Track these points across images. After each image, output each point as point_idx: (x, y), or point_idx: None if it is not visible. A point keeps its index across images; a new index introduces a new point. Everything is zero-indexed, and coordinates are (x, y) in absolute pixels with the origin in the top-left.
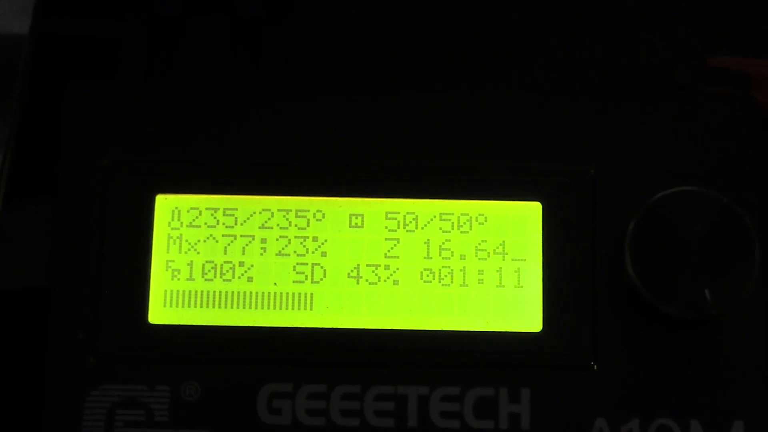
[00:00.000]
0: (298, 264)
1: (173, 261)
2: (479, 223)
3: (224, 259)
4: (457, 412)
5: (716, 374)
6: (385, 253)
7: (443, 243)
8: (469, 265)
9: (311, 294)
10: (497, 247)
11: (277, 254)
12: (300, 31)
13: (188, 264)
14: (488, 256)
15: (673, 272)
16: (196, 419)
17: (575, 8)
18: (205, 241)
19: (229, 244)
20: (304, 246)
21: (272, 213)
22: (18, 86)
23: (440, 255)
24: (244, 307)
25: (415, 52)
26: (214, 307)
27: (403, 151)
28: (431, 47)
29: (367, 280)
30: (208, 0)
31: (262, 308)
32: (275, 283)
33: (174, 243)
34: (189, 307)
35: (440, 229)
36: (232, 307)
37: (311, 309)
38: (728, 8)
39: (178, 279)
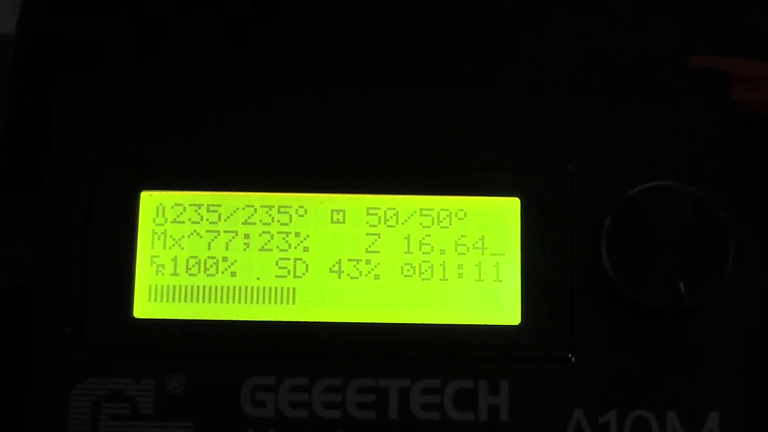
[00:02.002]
0: (280, 259)
1: (158, 256)
2: (459, 219)
3: (208, 255)
4: (437, 404)
5: (692, 366)
6: (367, 248)
7: (423, 238)
8: (448, 260)
9: (294, 288)
10: (476, 242)
11: (260, 249)
12: (285, 30)
13: (172, 259)
14: (468, 251)
15: (649, 265)
16: (181, 412)
17: (556, 6)
18: (189, 236)
19: (212, 240)
20: (287, 241)
21: (255, 209)
22: (5, 85)
23: (420, 250)
24: (227, 302)
25: (397, 50)
26: (198, 301)
27: (383, 147)
28: (413, 46)
29: (348, 275)
30: (195, 0)
31: (246, 302)
32: (258, 278)
33: (158, 239)
34: (173, 301)
35: (420, 224)
36: (215, 302)
37: (294, 303)
38: (711, 8)
39: (163, 274)
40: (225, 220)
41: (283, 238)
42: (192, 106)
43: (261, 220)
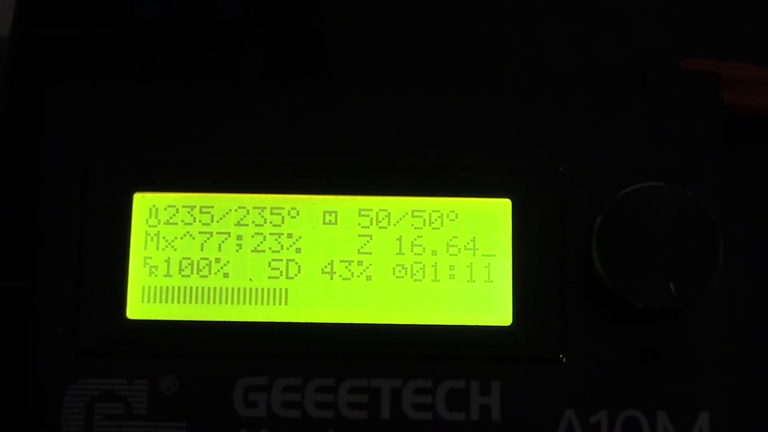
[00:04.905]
0: (273, 260)
1: (151, 258)
2: (450, 220)
3: (201, 256)
4: (429, 404)
5: (682, 366)
6: (359, 249)
7: (415, 239)
8: (440, 261)
9: (286, 289)
10: (468, 243)
11: (252, 251)
12: (278, 31)
13: (165, 261)
14: (459, 252)
15: (640, 266)
16: (174, 412)
17: (548, 9)
18: (182, 238)
19: (205, 241)
20: (279, 243)
21: (248, 210)
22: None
23: (412, 251)
24: (220, 303)
25: (390, 52)
26: (191, 302)
27: (375, 149)
28: (405, 48)
29: (340, 276)
30: (187, 3)
31: (238, 303)
32: (251, 279)
33: (152, 240)
34: (166, 302)
35: (412, 225)
36: (208, 303)
37: (286, 304)
38: (703, 11)
39: (156, 275)
40: (218, 222)
41: (276, 240)
42: (185, 108)
43: (253, 222)
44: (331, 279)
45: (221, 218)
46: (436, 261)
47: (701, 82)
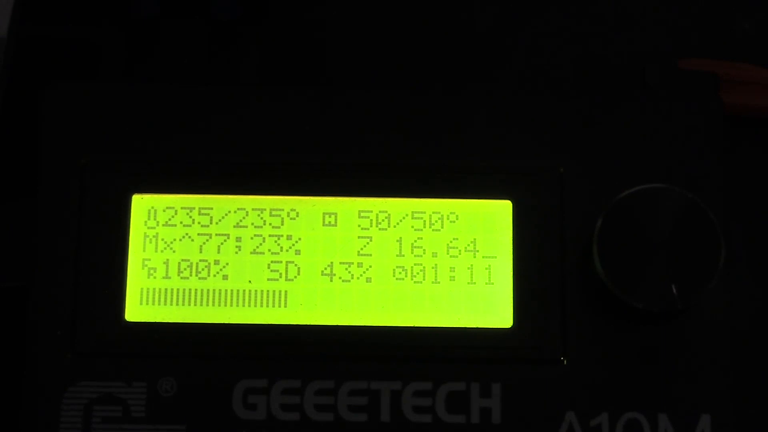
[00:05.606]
0: (272, 262)
1: (149, 259)
2: (450, 221)
3: (200, 258)
4: (429, 406)
5: (683, 368)
6: (358, 251)
7: (415, 241)
8: (440, 263)
9: (285, 291)
10: (468, 245)
11: (251, 252)
12: (275, 32)
13: (164, 262)
14: (459, 254)
15: (641, 267)
16: (173, 414)
17: (546, 8)
18: (180, 239)
19: (204, 243)
20: (279, 244)
21: (247, 212)
22: None
23: (412, 252)
24: (219, 305)
25: (388, 52)
26: (189, 304)
27: (375, 150)
28: (404, 48)
29: (340, 278)
30: (184, 3)
31: (237, 305)
32: (250, 281)
33: (150, 242)
34: (165, 304)
35: (412, 227)
36: (207, 305)
37: (285, 306)
38: (701, 11)
39: (155, 277)
40: (217, 223)
41: (275, 241)
42: (183, 109)
43: (253, 223)
44: (331, 281)
45: (220, 220)
46: (437, 263)
47: (700, 82)
